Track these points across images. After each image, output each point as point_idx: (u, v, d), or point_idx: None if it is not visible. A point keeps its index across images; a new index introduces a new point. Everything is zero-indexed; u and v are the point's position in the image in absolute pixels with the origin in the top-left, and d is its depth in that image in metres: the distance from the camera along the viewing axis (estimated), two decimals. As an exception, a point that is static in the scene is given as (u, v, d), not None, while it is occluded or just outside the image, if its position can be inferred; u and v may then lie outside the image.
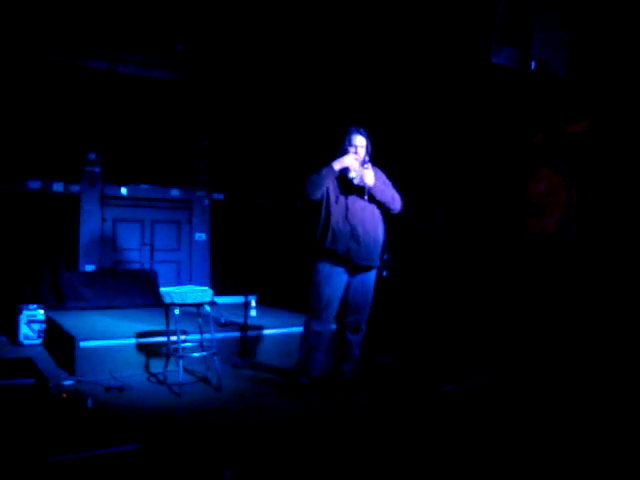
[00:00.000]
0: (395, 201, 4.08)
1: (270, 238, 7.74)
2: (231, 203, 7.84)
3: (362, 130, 4.09)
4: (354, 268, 4.02)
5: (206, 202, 7.82)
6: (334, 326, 4.25)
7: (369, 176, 3.94)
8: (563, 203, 5.05)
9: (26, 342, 5.58)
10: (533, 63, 4.09)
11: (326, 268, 4.00)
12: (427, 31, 5.47)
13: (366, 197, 3.95)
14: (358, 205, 3.99)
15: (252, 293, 6.53)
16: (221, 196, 7.86)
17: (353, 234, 3.94)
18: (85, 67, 6.69)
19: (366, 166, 3.98)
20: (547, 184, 5.21)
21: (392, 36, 5.70)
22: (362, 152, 4.04)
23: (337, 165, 3.96)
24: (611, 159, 4.65)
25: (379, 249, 4.10)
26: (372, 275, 4.13)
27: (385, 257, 4.64)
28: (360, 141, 4.04)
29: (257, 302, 6.64)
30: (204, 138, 7.57)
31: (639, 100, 4.42)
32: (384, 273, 4.75)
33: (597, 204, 4.75)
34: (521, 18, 4.06)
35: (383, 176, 4.15)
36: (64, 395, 3.83)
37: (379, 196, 4.00)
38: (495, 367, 4.76)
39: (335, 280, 4.00)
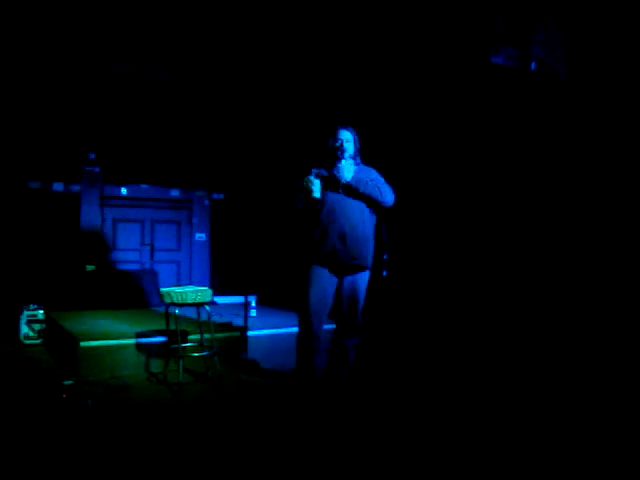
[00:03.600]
0: (384, 194, 3.95)
1: (270, 238, 7.74)
2: (231, 203, 7.86)
3: (349, 127, 4.07)
4: (342, 269, 3.93)
5: (206, 202, 7.84)
6: (327, 327, 4.18)
7: (347, 171, 3.87)
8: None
9: (26, 342, 5.58)
10: (533, 63, 4.09)
11: (313, 271, 3.93)
12: (427, 31, 5.48)
13: (341, 190, 3.87)
14: (344, 203, 3.91)
15: (252, 293, 6.53)
16: (221, 196, 7.87)
17: (338, 233, 3.86)
18: (84, 67, 6.71)
19: (348, 162, 3.94)
20: (546, 184, 5.21)
21: (392, 35, 5.71)
22: (349, 146, 4.00)
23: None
24: (608, 161, 4.65)
25: (369, 248, 3.98)
26: (363, 277, 4.01)
27: (385, 257, 4.60)
28: (345, 135, 4.01)
29: (257, 302, 6.64)
30: (204, 138, 7.59)
31: (639, 100, 4.43)
32: (384, 273, 4.72)
33: (597, 204, 4.76)
34: (521, 18, 4.07)
35: (372, 173, 4.06)
36: (64, 395, 3.83)
37: (362, 189, 3.89)
38: (495, 366, 4.77)
39: (323, 283, 3.93)
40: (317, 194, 3.83)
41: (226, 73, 7.30)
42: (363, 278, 4.02)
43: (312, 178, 3.84)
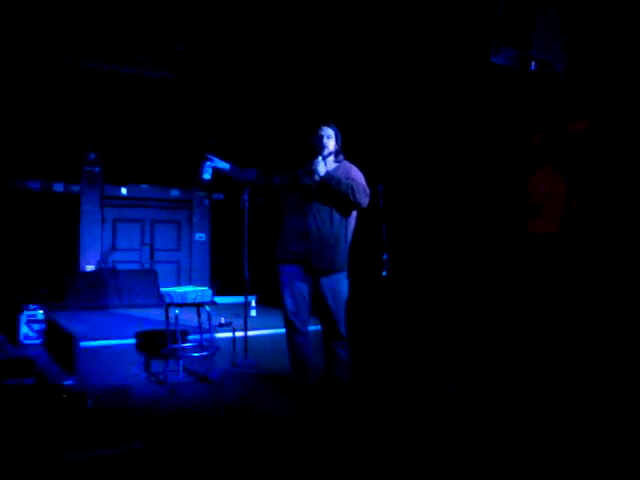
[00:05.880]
0: (356, 193, 3.82)
1: (269, 237, 7.73)
2: (231, 203, 7.84)
3: (331, 123, 4.06)
4: (313, 271, 3.88)
5: (206, 202, 7.84)
6: (311, 328, 4.15)
7: (320, 166, 3.85)
8: (563, 203, 5.05)
9: (26, 342, 5.58)
10: (533, 63, 4.08)
11: (284, 271, 3.94)
12: (428, 31, 5.48)
13: (314, 188, 3.86)
14: (312, 204, 3.88)
15: (252, 293, 6.53)
16: (221, 196, 7.87)
17: (304, 235, 3.84)
18: (84, 67, 6.71)
19: (328, 159, 3.95)
20: (547, 184, 5.21)
21: (392, 36, 5.71)
22: (329, 142, 3.99)
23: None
24: (611, 158, 4.66)
25: (339, 251, 3.89)
26: (335, 279, 3.89)
27: (385, 257, 4.60)
28: (326, 131, 4.00)
29: (257, 302, 6.64)
30: (206, 138, 7.58)
31: (638, 99, 4.43)
32: (383, 273, 4.72)
33: (597, 204, 4.76)
34: (521, 18, 4.06)
35: (351, 172, 3.99)
36: (64, 395, 3.83)
37: (335, 186, 3.82)
38: (494, 367, 4.76)
39: (294, 282, 3.91)
40: (206, 176, 4.31)
41: (226, 74, 7.29)
42: (335, 280, 3.90)
43: (207, 163, 4.34)
